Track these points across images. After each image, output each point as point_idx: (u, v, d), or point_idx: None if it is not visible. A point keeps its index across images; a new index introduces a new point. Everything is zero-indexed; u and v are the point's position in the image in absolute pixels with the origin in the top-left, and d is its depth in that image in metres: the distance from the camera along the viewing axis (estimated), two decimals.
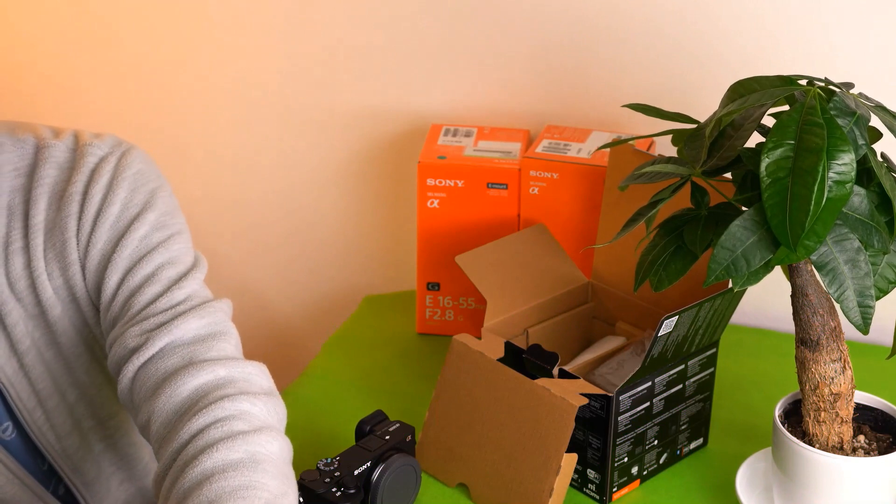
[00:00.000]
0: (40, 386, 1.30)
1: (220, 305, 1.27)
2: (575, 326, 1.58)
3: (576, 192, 1.62)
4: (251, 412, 1.17)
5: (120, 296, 1.26)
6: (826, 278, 1.17)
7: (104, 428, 1.37)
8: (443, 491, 1.43)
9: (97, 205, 1.26)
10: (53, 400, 1.31)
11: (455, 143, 1.69)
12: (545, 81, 1.74)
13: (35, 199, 1.26)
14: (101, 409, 1.35)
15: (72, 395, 1.33)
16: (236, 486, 1.08)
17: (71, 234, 1.26)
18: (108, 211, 1.26)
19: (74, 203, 1.26)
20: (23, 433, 1.32)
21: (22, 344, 1.28)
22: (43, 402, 1.30)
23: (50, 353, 1.30)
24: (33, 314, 1.28)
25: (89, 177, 1.26)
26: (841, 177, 1.12)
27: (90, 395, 1.34)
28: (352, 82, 1.81)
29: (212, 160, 1.92)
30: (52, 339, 1.30)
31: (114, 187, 1.27)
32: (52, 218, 1.26)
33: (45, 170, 1.27)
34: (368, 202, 1.87)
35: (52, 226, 1.26)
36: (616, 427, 1.37)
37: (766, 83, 1.19)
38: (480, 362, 1.40)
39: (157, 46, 1.86)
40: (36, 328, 1.28)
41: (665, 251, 1.25)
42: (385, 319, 1.77)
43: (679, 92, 1.67)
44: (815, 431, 1.29)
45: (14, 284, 1.26)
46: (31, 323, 1.28)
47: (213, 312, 1.25)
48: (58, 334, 1.30)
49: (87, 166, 1.27)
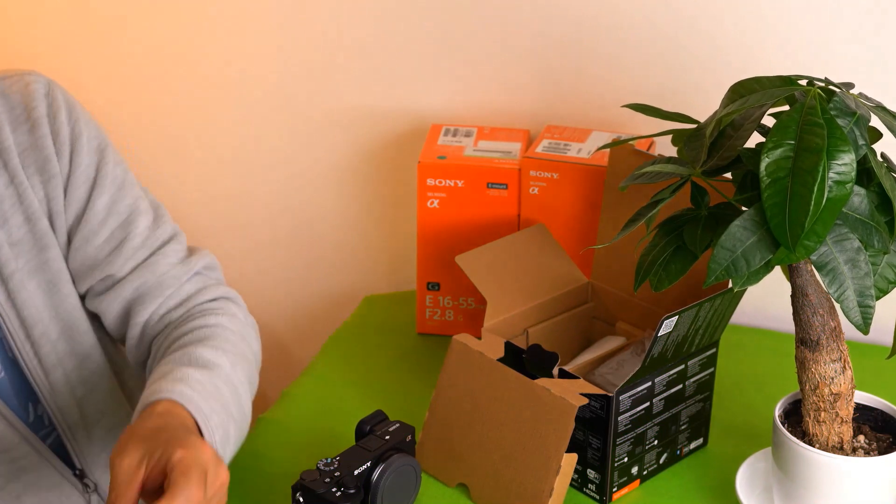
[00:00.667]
0: (25, 313, 1.35)
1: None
2: (575, 326, 1.58)
3: (576, 192, 1.62)
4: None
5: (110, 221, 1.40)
6: (826, 278, 1.17)
7: (82, 370, 1.40)
8: (443, 491, 1.43)
9: (67, 124, 1.37)
10: (38, 329, 1.36)
11: (455, 143, 1.69)
12: (545, 81, 1.74)
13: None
14: (79, 345, 1.40)
15: (54, 329, 1.37)
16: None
17: (50, 151, 1.35)
18: (81, 136, 1.38)
19: (44, 126, 1.35)
20: (15, 370, 1.35)
21: (7, 267, 1.33)
22: (29, 332, 1.35)
23: (35, 279, 1.35)
24: (18, 237, 1.34)
25: (47, 99, 1.37)
26: (841, 177, 1.12)
27: (71, 328, 1.39)
28: (352, 82, 1.81)
29: (211, 160, 1.92)
30: (38, 260, 1.36)
31: (61, 108, 1.38)
32: (24, 140, 1.35)
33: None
34: (368, 202, 1.87)
35: (25, 146, 1.35)
36: (616, 427, 1.37)
37: (766, 83, 1.19)
38: (480, 362, 1.40)
39: (156, 46, 1.86)
40: (20, 252, 1.34)
41: (665, 251, 1.25)
42: (385, 319, 1.77)
43: (679, 92, 1.67)
44: (815, 431, 1.29)
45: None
46: (15, 248, 1.34)
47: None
48: (46, 249, 1.36)
49: (38, 91, 1.37)
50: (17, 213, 1.34)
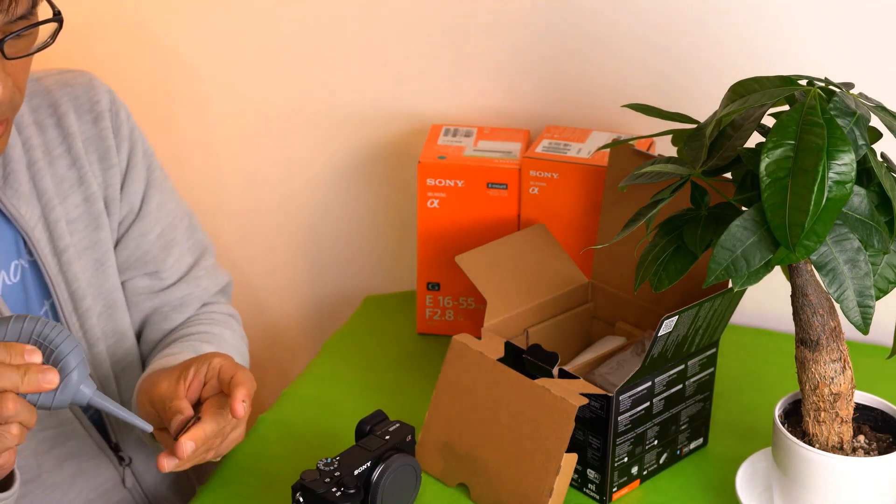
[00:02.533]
0: (74, 286, 1.43)
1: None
2: (575, 326, 1.58)
3: (576, 192, 1.62)
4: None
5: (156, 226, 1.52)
6: (826, 278, 1.17)
7: (118, 348, 1.49)
8: (443, 491, 1.43)
9: (126, 123, 1.49)
10: (85, 303, 1.44)
11: (455, 143, 1.69)
12: (545, 81, 1.74)
13: (62, 114, 1.44)
14: (118, 324, 1.49)
15: (98, 305, 1.46)
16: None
17: (111, 142, 1.46)
18: (135, 133, 1.50)
19: (106, 119, 1.46)
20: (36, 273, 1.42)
21: (62, 241, 1.42)
22: (77, 304, 1.43)
23: (85, 257, 1.44)
24: (75, 215, 1.44)
25: (109, 96, 1.48)
26: (841, 177, 1.12)
27: (111, 307, 1.48)
28: (352, 82, 1.81)
29: (211, 161, 1.92)
30: (90, 239, 1.45)
31: (121, 108, 1.50)
32: (88, 129, 1.45)
33: (60, 93, 1.45)
34: (368, 202, 1.87)
35: (89, 135, 1.45)
36: (616, 427, 1.37)
37: (766, 83, 1.19)
38: (480, 362, 1.40)
39: (156, 47, 1.86)
40: (76, 230, 1.44)
41: (665, 251, 1.25)
42: (385, 319, 1.77)
43: (679, 92, 1.67)
44: (815, 431, 1.29)
45: (60, 184, 1.42)
46: (72, 225, 1.43)
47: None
48: (99, 229, 1.45)
49: (101, 87, 1.48)
50: (77, 193, 1.44)
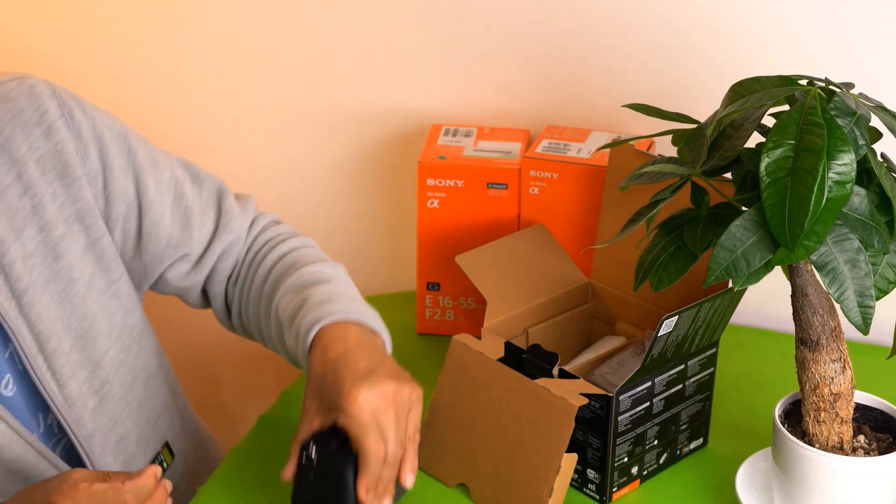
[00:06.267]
0: (39, 328, 1.34)
1: None
2: (575, 326, 1.58)
3: (576, 192, 1.62)
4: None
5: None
6: (826, 278, 1.17)
7: (94, 379, 1.40)
8: (443, 491, 1.43)
9: (85, 121, 1.35)
10: (52, 342, 1.35)
11: (455, 143, 1.69)
12: (545, 81, 1.74)
13: (7, 138, 1.31)
14: (91, 354, 1.40)
15: (67, 340, 1.37)
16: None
17: (71, 154, 1.33)
18: (102, 131, 1.37)
19: (61, 129, 1.33)
20: (26, 384, 1.34)
21: (20, 282, 1.32)
22: (43, 346, 1.34)
23: (48, 291, 1.34)
24: (31, 249, 1.33)
25: (57, 100, 1.34)
26: (841, 177, 1.12)
27: (83, 337, 1.38)
28: (352, 82, 1.81)
29: (210, 161, 1.91)
30: (50, 270, 1.35)
31: (74, 106, 1.36)
32: (40, 145, 1.32)
33: (0, 112, 1.31)
34: (368, 202, 1.87)
35: (42, 152, 1.32)
36: (616, 427, 1.37)
37: (766, 83, 1.19)
38: (480, 362, 1.40)
39: (155, 47, 1.86)
40: (34, 265, 1.33)
41: (665, 251, 1.25)
42: (385, 319, 1.77)
43: (679, 92, 1.67)
44: (815, 431, 1.29)
45: (12, 219, 1.31)
46: (29, 260, 1.33)
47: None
48: (59, 258, 1.35)
49: (44, 94, 1.34)
50: (31, 224, 1.33)
